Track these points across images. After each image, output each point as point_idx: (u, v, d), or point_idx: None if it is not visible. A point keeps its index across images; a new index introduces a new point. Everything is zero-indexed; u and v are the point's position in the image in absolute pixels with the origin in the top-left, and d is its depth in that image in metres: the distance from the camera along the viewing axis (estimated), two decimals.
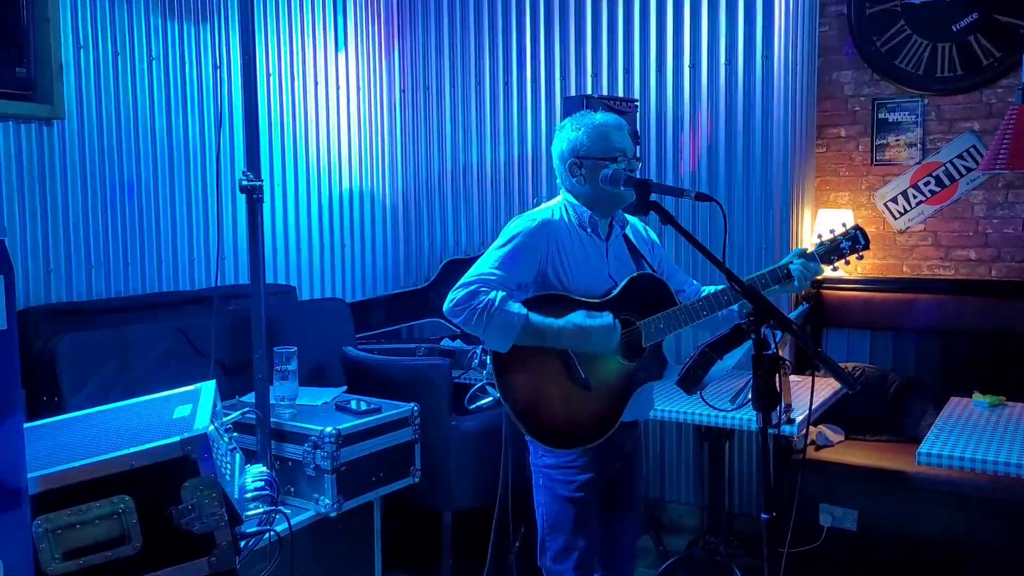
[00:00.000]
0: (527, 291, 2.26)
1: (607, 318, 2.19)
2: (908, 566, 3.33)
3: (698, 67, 3.94)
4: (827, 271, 2.35)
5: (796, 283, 2.24)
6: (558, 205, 2.38)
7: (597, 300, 2.27)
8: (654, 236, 2.54)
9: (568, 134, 2.34)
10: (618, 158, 2.27)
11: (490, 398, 2.30)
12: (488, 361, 2.25)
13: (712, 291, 2.29)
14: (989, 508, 3.18)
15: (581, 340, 2.18)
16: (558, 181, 2.41)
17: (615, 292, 2.28)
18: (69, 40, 3.18)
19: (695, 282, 2.53)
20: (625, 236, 2.42)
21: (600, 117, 2.33)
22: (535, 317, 2.16)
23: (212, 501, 1.69)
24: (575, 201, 2.35)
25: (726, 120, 3.90)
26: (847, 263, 2.35)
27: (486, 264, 2.23)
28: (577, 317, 2.19)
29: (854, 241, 2.29)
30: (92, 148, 3.29)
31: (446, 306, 2.19)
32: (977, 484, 3.17)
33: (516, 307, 2.17)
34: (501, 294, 2.16)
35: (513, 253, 2.24)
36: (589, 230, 2.33)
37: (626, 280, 2.30)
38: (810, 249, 2.30)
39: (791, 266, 2.25)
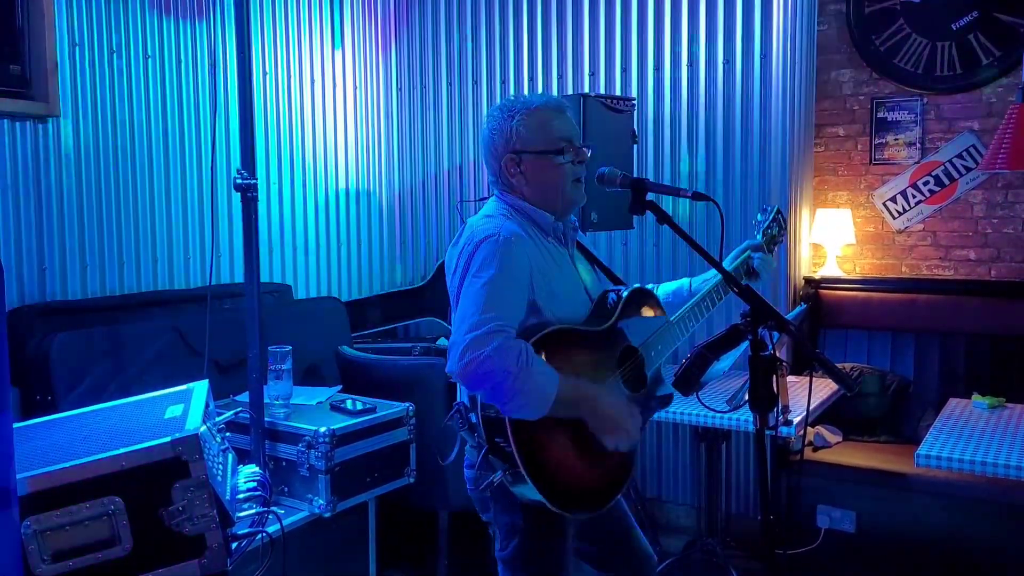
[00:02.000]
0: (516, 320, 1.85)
1: (635, 415, 1.90)
2: (906, 568, 3.32)
3: (696, 66, 3.92)
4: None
5: (762, 276, 2.16)
6: (502, 214, 1.94)
7: (602, 328, 1.94)
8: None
9: (500, 124, 1.95)
10: (564, 149, 1.93)
11: (498, 472, 1.82)
12: (478, 422, 1.82)
13: (676, 287, 2.18)
14: (988, 510, 3.17)
15: (604, 420, 1.85)
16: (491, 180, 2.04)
17: (618, 313, 1.96)
18: (64, 37, 3.16)
19: None
20: (577, 242, 2.10)
21: (537, 100, 1.96)
22: (564, 384, 1.76)
23: (203, 502, 1.68)
24: (525, 204, 1.95)
25: (724, 119, 3.88)
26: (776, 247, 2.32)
27: (480, 307, 1.75)
28: (612, 397, 1.89)
29: (780, 226, 2.28)
30: (87, 146, 3.27)
31: (456, 368, 1.73)
32: (976, 486, 3.15)
33: (546, 368, 1.75)
34: (527, 350, 1.73)
35: (501, 285, 1.79)
36: (553, 239, 1.97)
37: (626, 297, 2.00)
38: (759, 239, 2.22)
39: (753, 262, 2.14)
